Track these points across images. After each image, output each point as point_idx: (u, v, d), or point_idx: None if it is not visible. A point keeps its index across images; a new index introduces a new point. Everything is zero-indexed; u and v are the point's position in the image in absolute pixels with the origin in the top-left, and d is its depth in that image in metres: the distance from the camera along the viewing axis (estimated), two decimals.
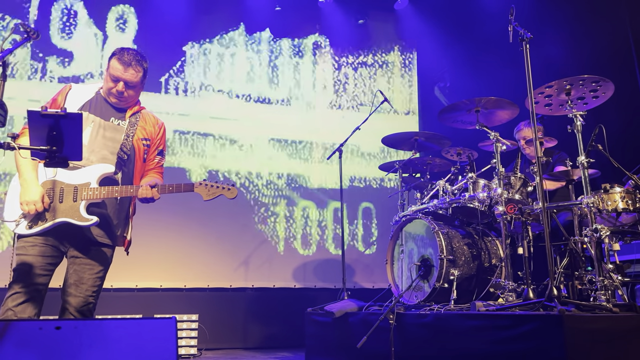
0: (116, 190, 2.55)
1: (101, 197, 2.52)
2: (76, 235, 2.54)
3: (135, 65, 2.61)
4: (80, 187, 2.50)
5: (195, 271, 5.13)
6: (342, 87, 6.02)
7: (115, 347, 1.52)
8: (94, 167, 2.55)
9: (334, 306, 3.73)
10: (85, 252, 2.57)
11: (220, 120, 5.53)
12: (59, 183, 2.50)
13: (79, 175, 2.52)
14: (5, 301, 2.38)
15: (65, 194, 2.49)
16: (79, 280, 2.54)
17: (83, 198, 2.49)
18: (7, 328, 1.52)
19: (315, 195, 5.66)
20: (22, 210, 2.41)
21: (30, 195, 2.40)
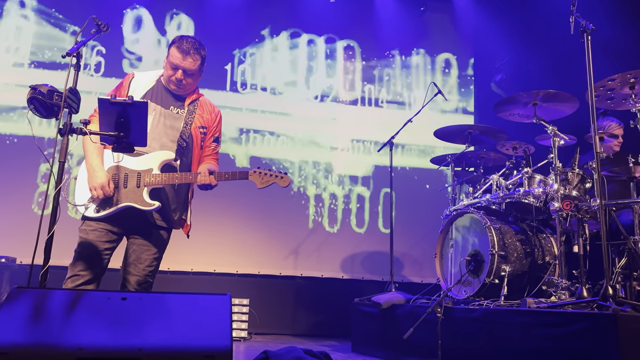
0: (176, 177, 2.64)
1: (162, 183, 2.62)
2: (137, 218, 2.63)
3: (194, 53, 2.67)
4: (143, 173, 2.60)
5: (247, 258, 5.30)
6: (393, 81, 6.00)
7: (176, 319, 1.63)
8: (155, 154, 2.64)
9: (381, 297, 3.76)
10: (144, 234, 2.68)
11: (266, 115, 5.64)
12: (123, 169, 2.60)
13: (141, 162, 2.62)
14: (65, 282, 2.53)
15: (129, 179, 2.59)
16: (137, 259, 2.66)
17: (146, 184, 2.58)
18: (80, 297, 1.66)
19: (365, 187, 5.70)
20: (92, 195, 2.52)
21: (97, 180, 2.51)
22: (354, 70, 5.95)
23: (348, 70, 5.93)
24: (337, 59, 5.94)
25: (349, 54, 5.98)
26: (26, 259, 4.64)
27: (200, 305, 1.70)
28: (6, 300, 1.72)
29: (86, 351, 1.50)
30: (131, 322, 1.60)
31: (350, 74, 5.92)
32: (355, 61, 5.97)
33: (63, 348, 1.52)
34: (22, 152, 5.00)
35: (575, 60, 3.80)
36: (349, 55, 5.98)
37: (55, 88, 2.15)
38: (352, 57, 5.98)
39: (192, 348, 1.53)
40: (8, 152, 5.03)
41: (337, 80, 5.90)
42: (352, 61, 5.97)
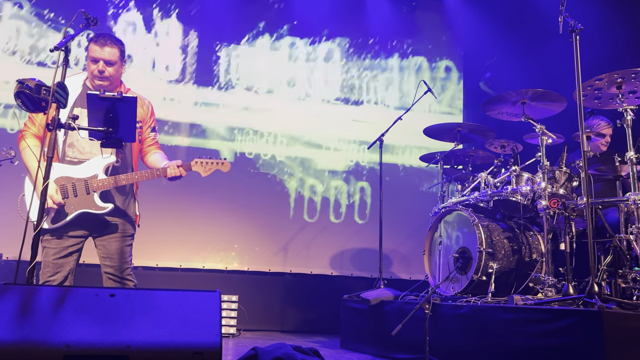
0: (137, 176, 2.75)
1: (110, 186, 2.72)
2: (94, 220, 2.73)
3: (111, 43, 2.74)
4: (90, 180, 2.68)
5: (235, 254, 5.29)
6: (382, 80, 6.01)
7: (164, 316, 1.62)
8: (97, 159, 2.71)
9: (370, 294, 3.78)
10: (105, 230, 2.78)
11: (249, 112, 5.62)
12: (70, 179, 2.67)
13: (85, 169, 2.71)
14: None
15: (77, 188, 2.67)
16: (108, 252, 2.77)
17: (95, 189, 2.68)
18: (67, 293, 1.65)
19: (353, 184, 5.71)
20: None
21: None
22: (343, 68, 5.93)
23: (336, 68, 5.91)
24: (326, 58, 5.92)
25: (338, 51, 5.96)
26: (12, 255, 4.59)
27: (189, 301, 1.69)
28: None
29: (74, 348, 1.49)
30: (119, 319, 1.59)
31: (338, 73, 5.90)
32: (344, 59, 5.95)
33: (50, 345, 1.51)
34: None
35: (563, 60, 3.83)
36: (338, 53, 5.96)
37: (43, 82, 2.13)
38: (342, 55, 5.97)
39: (181, 345, 1.53)
40: None
41: (325, 78, 5.87)
42: (341, 59, 5.95)
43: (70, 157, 2.73)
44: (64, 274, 2.67)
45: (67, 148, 2.72)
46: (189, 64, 5.59)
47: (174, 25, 5.64)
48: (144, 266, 4.87)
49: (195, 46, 5.63)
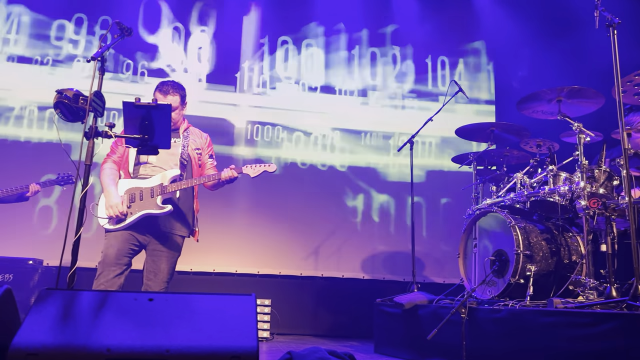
0: (195, 180, 3.14)
1: (174, 190, 3.07)
2: (154, 228, 3.09)
3: (173, 92, 3.17)
4: (155, 187, 3.07)
5: (267, 258, 5.32)
6: (415, 78, 5.96)
7: (202, 320, 1.64)
8: (164, 173, 3.12)
9: (404, 298, 3.73)
10: (162, 243, 3.13)
11: (294, 112, 5.65)
12: (138, 189, 3.07)
13: (152, 181, 3.10)
14: (97, 277, 2.97)
15: (143, 193, 3.06)
16: (157, 269, 3.12)
17: (158, 193, 3.05)
18: (107, 298, 1.68)
19: (387, 187, 5.67)
20: (109, 213, 2.99)
21: (112, 201, 2.99)
22: (371, 63, 5.91)
23: (368, 63, 5.89)
24: (355, 52, 5.90)
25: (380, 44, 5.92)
26: (53, 261, 4.73)
27: (225, 305, 1.70)
28: (36, 302, 1.75)
29: (114, 352, 1.52)
30: (158, 323, 1.61)
31: (368, 68, 5.88)
32: (376, 54, 5.94)
33: (92, 349, 1.54)
34: (39, 157, 5.06)
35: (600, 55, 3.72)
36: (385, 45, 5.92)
37: (80, 92, 2.19)
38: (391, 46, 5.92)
39: (219, 349, 1.53)
40: (24, 157, 5.08)
41: (359, 74, 5.86)
42: (370, 54, 5.93)
43: (142, 174, 3.14)
44: (121, 268, 2.98)
45: (140, 166, 3.15)
46: (224, 66, 5.64)
47: (208, 19, 5.70)
48: (178, 271, 4.94)
49: (233, 47, 5.68)
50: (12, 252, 4.53)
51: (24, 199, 4.03)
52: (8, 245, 4.70)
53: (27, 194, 3.96)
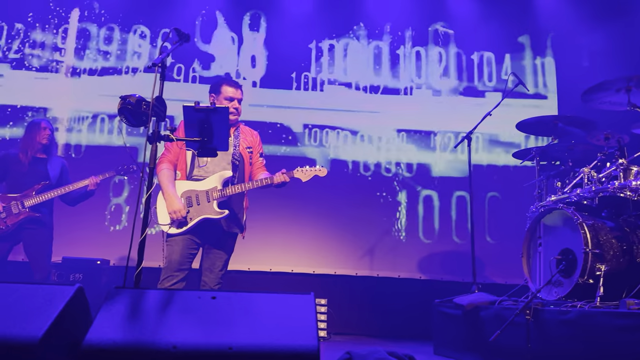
0: (248, 185, 3.23)
1: (228, 194, 3.18)
2: (212, 228, 3.19)
3: (240, 87, 3.41)
4: (210, 191, 3.17)
5: (323, 258, 5.33)
6: (467, 73, 5.82)
7: (263, 318, 1.66)
8: (216, 175, 3.22)
9: (464, 299, 3.64)
10: (216, 244, 3.26)
11: (344, 113, 5.66)
12: (194, 191, 3.18)
13: (207, 183, 3.20)
14: (162, 282, 3.11)
15: (200, 197, 3.16)
16: (213, 266, 3.26)
17: (214, 198, 3.15)
18: (172, 296, 1.74)
19: (438, 184, 5.56)
20: (172, 218, 3.09)
21: (175, 206, 3.09)
22: (433, 59, 5.82)
23: (427, 60, 5.81)
24: (415, 49, 5.84)
25: (428, 42, 5.85)
26: (119, 261, 4.96)
27: (285, 304, 1.71)
28: (106, 300, 1.82)
29: (180, 349, 1.56)
30: (221, 321, 1.64)
31: (428, 64, 5.80)
32: (442, 48, 5.84)
33: (159, 346, 1.59)
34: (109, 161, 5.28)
35: None
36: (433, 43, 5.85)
37: (143, 97, 2.26)
38: (439, 44, 5.85)
39: (280, 347, 1.54)
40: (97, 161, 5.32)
41: (422, 69, 5.78)
42: (415, 53, 5.85)
43: (196, 175, 3.23)
44: (184, 273, 3.12)
45: (195, 168, 3.24)
46: (276, 70, 5.73)
47: (260, 25, 5.81)
48: (236, 270, 5.05)
49: (284, 52, 5.76)
50: (82, 253, 4.78)
51: (90, 193, 4.15)
52: (78, 246, 4.96)
53: (89, 188, 4.10)
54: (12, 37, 5.59)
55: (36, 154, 4.12)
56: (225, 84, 3.36)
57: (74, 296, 1.83)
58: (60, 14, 5.70)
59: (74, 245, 4.94)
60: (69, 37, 5.64)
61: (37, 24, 5.64)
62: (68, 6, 5.73)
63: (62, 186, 4.07)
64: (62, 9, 5.71)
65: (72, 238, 4.95)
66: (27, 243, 4.02)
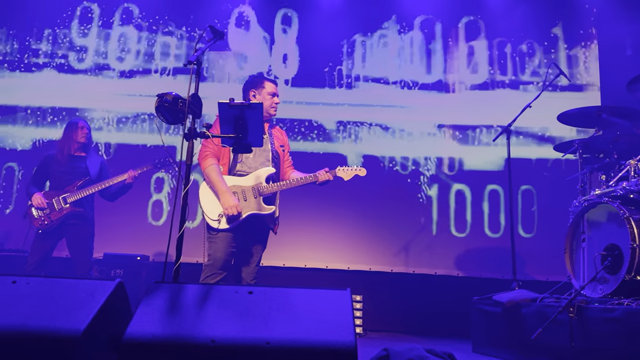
0: (294, 181, 3.29)
1: (275, 190, 3.25)
2: (254, 225, 3.23)
3: (276, 83, 3.48)
4: (256, 187, 3.22)
5: (357, 254, 5.30)
6: (499, 66, 5.68)
7: (299, 313, 1.65)
8: (260, 171, 3.27)
9: (504, 296, 3.55)
10: (255, 239, 3.31)
11: (375, 108, 5.61)
12: (240, 187, 3.21)
13: (251, 179, 3.25)
14: (205, 279, 3.13)
15: (246, 193, 3.20)
16: (249, 261, 3.31)
17: (261, 194, 3.21)
18: (210, 290, 1.75)
19: (470, 178, 5.46)
20: (228, 214, 3.09)
21: (230, 202, 3.10)
22: (466, 53, 5.71)
23: (460, 53, 5.70)
24: (448, 43, 5.74)
25: (461, 35, 5.75)
26: (158, 257, 5.07)
27: (321, 300, 1.70)
28: (145, 294, 1.85)
29: (218, 343, 1.57)
30: (258, 316, 1.64)
31: (461, 58, 5.69)
32: (474, 42, 5.73)
33: (197, 340, 1.60)
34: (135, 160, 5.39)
35: None
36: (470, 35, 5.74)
37: (179, 95, 2.29)
38: (471, 37, 5.74)
39: (317, 343, 1.53)
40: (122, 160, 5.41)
41: (454, 63, 5.69)
42: (468, 42, 5.74)
43: (239, 171, 3.26)
44: (226, 271, 3.15)
45: (237, 163, 3.26)
46: (308, 68, 5.73)
47: (291, 23, 5.83)
48: (271, 266, 5.08)
49: (316, 49, 5.76)
50: (123, 250, 4.91)
51: (127, 187, 4.23)
52: (119, 243, 5.10)
53: (127, 181, 4.19)
54: (57, 42, 5.78)
55: (75, 153, 4.24)
56: (267, 80, 3.44)
57: (114, 291, 1.87)
58: (100, 18, 5.85)
59: (114, 242, 5.07)
60: (111, 40, 5.79)
61: (78, 28, 5.80)
62: (108, 10, 5.87)
63: (102, 182, 4.18)
64: (103, 13, 5.86)
65: (113, 235, 5.09)
66: (70, 239, 4.14)
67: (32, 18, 5.83)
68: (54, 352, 1.61)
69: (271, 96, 3.39)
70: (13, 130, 5.56)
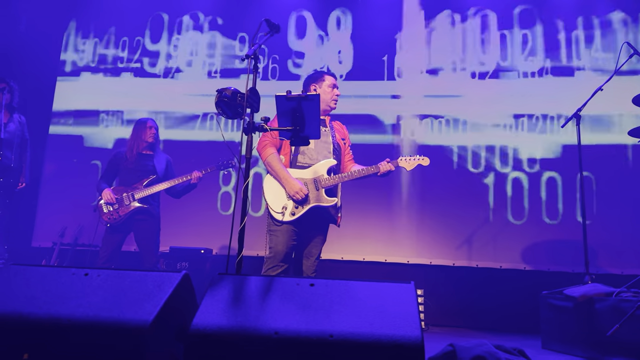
0: (355, 172, 3.25)
1: (337, 182, 3.21)
2: (316, 217, 3.20)
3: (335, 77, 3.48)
4: (318, 179, 3.18)
5: (417, 247, 5.20)
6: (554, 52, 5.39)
7: (362, 306, 1.62)
8: (321, 163, 3.24)
9: (576, 290, 3.37)
10: (318, 232, 3.29)
11: (430, 99, 5.49)
12: (301, 179, 3.18)
13: (312, 171, 3.22)
14: (267, 271, 3.14)
15: (308, 185, 3.17)
16: (310, 254, 3.29)
17: (323, 186, 3.17)
18: (272, 282, 1.75)
19: (528, 166, 5.22)
20: (296, 199, 3.09)
21: (295, 187, 3.10)
22: (531, 37, 5.46)
23: (519, 39, 5.47)
24: (507, 28, 5.52)
25: (518, 21, 5.51)
26: (220, 251, 5.19)
27: (385, 293, 1.66)
28: (210, 286, 1.89)
29: (282, 335, 1.57)
30: (320, 308, 1.62)
31: (526, 42, 5.45)
32: (531, 28, 5.47)
33: (261, 332, 1.61)
34: (206, 155, 5.55)
35: None
36: (521, 23, 5.51)
37: (238, 90, 2.31)
38: (528, 24, 5.50)
39: (382, 337, 1.50)
40: (192, 156, 5.61)
41: (509, 51, 5.48)
42: (526, 28, 5.49)
43: (300, 163, 3.24)
44: (287, 264, 3.13)
45: (298, 155, 3.25)
46: (361, 59, 5.70)
47: (343, 18, 5.81)
48: (330, 259, 5.08)
49: (364, 37, 5.73)
50: (188, 243, 5.07)
51: (192, 186, 4.39)
52: (184, 237, 5.27)
53: (192, 182, 4.33)
54: (133, 48, 6.09)
55: (143, 151, 4.40)
56: (327, 73, 3.44)
57: (180, 282, 1.91)
58: (169, 25, 6.09)
59: (179, 236, 5.25)
60: (180, 44, 6.04)
61: (151, 35, 6.07)
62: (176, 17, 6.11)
63: (168, 180, 4.33)
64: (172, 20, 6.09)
65: (178, 229, 5.27)
66: (138, 233, 4.31)
67: (113, 28, 6.18)
68: (124, 342, 1.67)
69: (331, 88, 3.39)
70: (97, 131, 5.94)
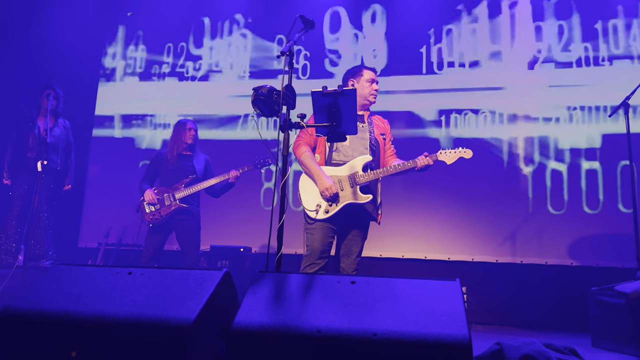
0: (391, 168, 3.16)
1: (372, 178, 3.13)
2: (352, 214, 3.14)
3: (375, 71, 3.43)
4: (353, 176, 3.12)
5: (458, 244, 5.09)
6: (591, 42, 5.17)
7: (406, 304, 1.58)
8: (357, 160, 3.16)
9: (628, 286, 3.23)
10: (356, 229, 3.22)
11: (466, 92, 5.37)
12: (336, 177, 3.13)
13: (347, 168, 3.15)
14: (304, 269, 3.10)
15: (343, 183, 3.11)
16: (349, 252, 3.22)
17: (357, 182, 3.10)
18: (313, 280, 1.73)
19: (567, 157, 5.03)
20: (324, 196, 3.05)
21: (326, 183, 3.05)
22: (568, 27, 5.26)
23: (560, 28, 5.28)
24: (544, 19, 5.34)
25: (554, 11, 5.33)
26: (260, 250, 5.22)
27: (429, 290, 1.61)
28: (251, 284, 1.88)
29: (324, 333, 1.54)
30: (362, 306, 1.59)
31: (563, 33, 5.26)
32: (570, 18, 5.28)
33: (303, 330, 1.59)
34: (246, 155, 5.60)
35: None
36: (560, 13, 5.32)
37: (274, 87, 2.30)
38: (565, 14, 5.31)
39: (428, 336, 1.45)
40: (233, 155, 5.66)
41: (547, 42, 5.30)
42: (561, 19, 5.30)
43: (336, 160, 3.19)
44: (325, 261, 3.09)
45: (333, 153, 3.20)
46: (395, 56, 5.64)
47: (378, 14, 5.76)
48: (368, 256, 5.04)
49: (400, 32, 5.66)
50: (228, 242, 5.13)
51: (230, 185, 4.43)
52: (223, 236, 5.34)
53: (230, 180, 4.37)
54: (177, 54, 6.24)
55: (182, 152, 4.47)
56: (365, 68, 3.39)
57: (222, 280, 1.92)
58: (211, 30, 6.19)
59: (219, 234, 5.32)
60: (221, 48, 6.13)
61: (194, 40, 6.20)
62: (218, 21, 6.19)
63: (207, 179, 4.39)
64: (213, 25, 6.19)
65: (218, 228, 5.34)
66: (179, 232, 4.39)
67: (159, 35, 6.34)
68: (167, 340, 1.68)
69: (370, 83, 3.33)
70: (144, 133, 6.12)
